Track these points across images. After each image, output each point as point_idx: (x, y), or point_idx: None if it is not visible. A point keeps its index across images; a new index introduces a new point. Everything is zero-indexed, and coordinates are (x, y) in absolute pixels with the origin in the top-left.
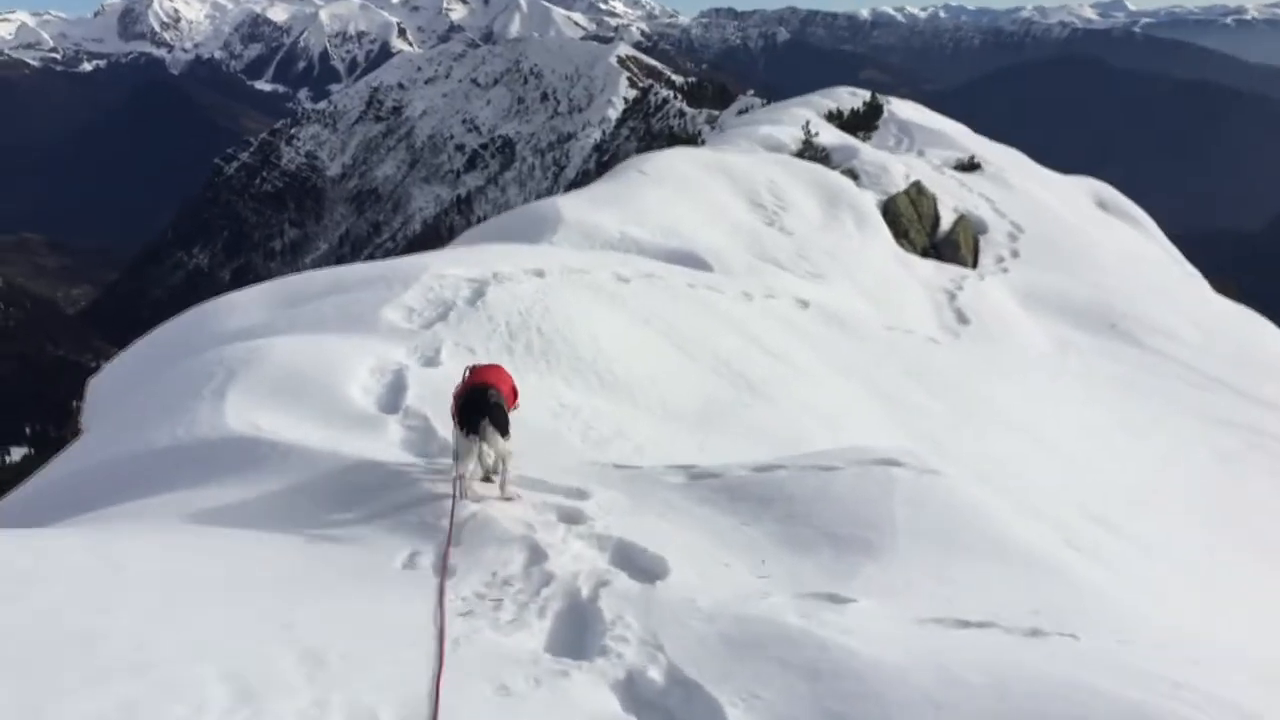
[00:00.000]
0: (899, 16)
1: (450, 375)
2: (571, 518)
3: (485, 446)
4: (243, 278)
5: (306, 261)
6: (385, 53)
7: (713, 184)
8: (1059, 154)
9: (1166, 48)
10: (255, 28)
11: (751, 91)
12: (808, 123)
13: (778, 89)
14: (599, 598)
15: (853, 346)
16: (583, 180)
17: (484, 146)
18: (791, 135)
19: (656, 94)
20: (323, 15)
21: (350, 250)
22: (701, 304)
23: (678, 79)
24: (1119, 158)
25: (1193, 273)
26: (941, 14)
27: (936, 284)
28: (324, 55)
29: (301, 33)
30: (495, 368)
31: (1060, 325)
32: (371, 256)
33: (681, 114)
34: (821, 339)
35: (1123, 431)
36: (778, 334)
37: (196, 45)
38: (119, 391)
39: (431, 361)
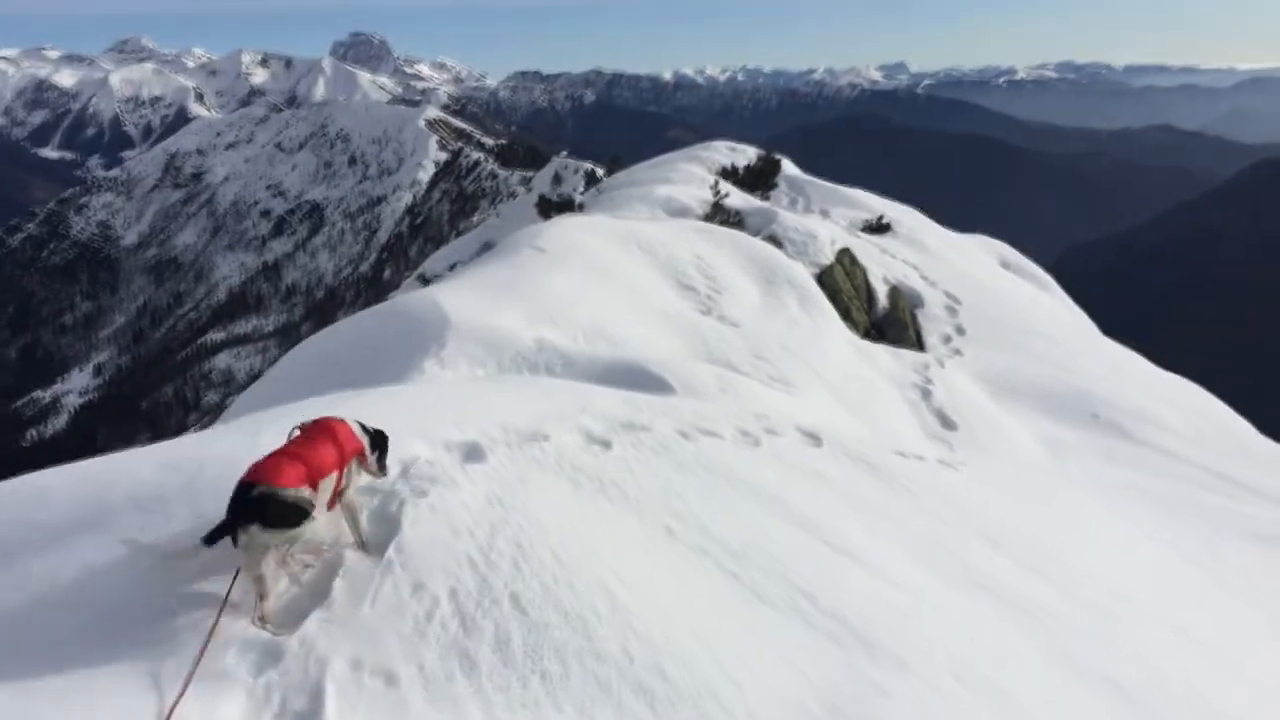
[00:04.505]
0: (699, 79)
1: None
2: None
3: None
4: (31, 355)
5: (101, 336)
6: (182, 118)
7: (629, 261)
8: None
9: (946, 106)
10: (39, 93)
11: (565, 152)
12: (717, 181)
13: (587, 149)
14: None
15: (904, 505)
16: (397, 244)
17: (291, 212)
18: (695, 196)
19: (467, 156)
20: (113, 80)
21: (150, 322)
22: (713, 470)
23: (488, 141)
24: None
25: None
26: (740, 76)
27: (902, 377)
28: (115, 121)
29: (90, 98)
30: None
31: (1041, 420)
32: (174, 328)
33: (494, 175)
34: (864, 500)
35: (1189, 567)
36: (819, 503)
37: None
38: None
39: None
